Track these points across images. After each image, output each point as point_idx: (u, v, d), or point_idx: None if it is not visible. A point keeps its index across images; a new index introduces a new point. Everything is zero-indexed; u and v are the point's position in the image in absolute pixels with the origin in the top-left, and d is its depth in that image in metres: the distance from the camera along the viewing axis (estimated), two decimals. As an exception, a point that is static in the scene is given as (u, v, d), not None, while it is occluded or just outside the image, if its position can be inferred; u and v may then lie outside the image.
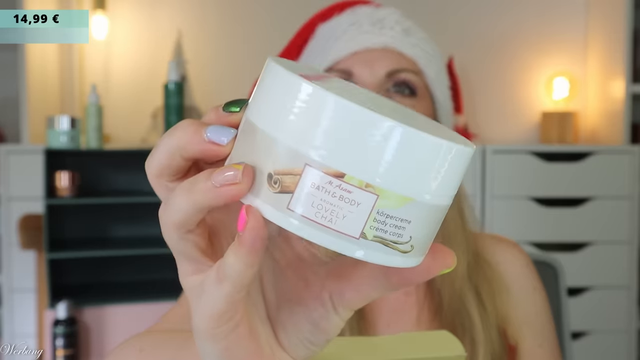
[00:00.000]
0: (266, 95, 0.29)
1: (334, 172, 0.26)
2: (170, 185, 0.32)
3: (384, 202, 0.27)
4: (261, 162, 0.28)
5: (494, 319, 0.75)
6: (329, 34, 0.79)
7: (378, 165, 0.26)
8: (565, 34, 2.40)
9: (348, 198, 0.27)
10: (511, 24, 2.39)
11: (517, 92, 2.40)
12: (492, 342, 0.73)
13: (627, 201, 2.04)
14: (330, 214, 0.27)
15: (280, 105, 0.28)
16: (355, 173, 0.26)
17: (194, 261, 0.32)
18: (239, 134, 0.30)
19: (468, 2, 2.39)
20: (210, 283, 0.30)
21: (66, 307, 1.63)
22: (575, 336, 2.01)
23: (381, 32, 0.77)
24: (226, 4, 2.35)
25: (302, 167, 0.27)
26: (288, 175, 0.27)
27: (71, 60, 2.28)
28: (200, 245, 0.32)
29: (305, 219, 0.27)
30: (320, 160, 0.26)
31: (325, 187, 0.27)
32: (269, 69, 0.29)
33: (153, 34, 2.31)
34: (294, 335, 0.34)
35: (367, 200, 0.27)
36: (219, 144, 0.30)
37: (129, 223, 1.99)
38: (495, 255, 0.80)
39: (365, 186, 0.27)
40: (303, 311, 0.34)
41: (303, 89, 0.27)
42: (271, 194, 0.28)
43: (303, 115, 0.27)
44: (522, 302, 0.79)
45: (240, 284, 0.29)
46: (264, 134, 0.28)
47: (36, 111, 2.07)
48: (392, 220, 0.27)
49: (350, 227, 0.27)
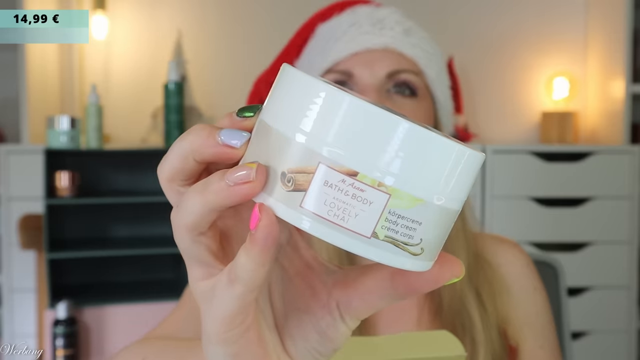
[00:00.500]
0: (282, 97, 0.29)
1: (347, 171, 0.27)
2: (181, 189, 0.32)
3: (396, 202, 0.27)
4: (275, 161, 0.28)
5: (494, 320, 0.75)
6: (329, 34, 0.79)
7: (392, 165, 0.27)
8: (565, 34, 2.40)
9: (360, 197, 0.27)
10: (511, 24, 2.39)
11: (517, 92, 2.40)
12: (493, 343, 0.73)
13: (627, 201, 2.04)
14: (342, 212, 0.27)
15: (296, 105, 0.28)
16: (368, 172, 0.27)
17: (205, 265, 0.32)
18: (253, 137, 0.30)
19: (468, 2, 2.39)
20: (221, 286, 0.30)
21: (66, 307, 1.63)
22: (575, 336, 2.01)
23: (381, 32, 0.76)
24: (226, 4, 2.35)
25: (316, 165, 0.27)
26: (301, 174, 0.27)
27: (71, 60, 2.28)
28: (212, 248, 0.32)
29: (318, 216, 0.27)
30: (334, 159, 0.27)
31: (338, 186, 0.27)
32: (285, 72, 0.30)
33: (153, 34, 2.31)
34: (301, 344, 0.34)
35: (379, 200, 0.27)
36: (233, 147, 0.30)
37: (129, 223, 1.99)
38: (496, 256, 0.80)
39: (377, 185, 0.27)
40: (310, 320, 0.34)
41: (319, 89, 0.27)
42: (284, 192, 0.28)
43: (318, 115, 0.27)
44: (522, 302, 0.79)
45: (252, 285, 0.29)
46: (278, 134, 0.28)
47: (36, 111, 2.07)
48: (404, 221, 0.27)
49: (362, 226, 0.27)
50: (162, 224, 1.95)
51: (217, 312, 0.31)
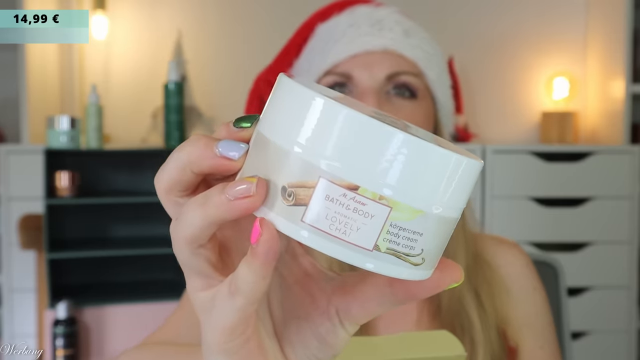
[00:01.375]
0: (279, 109, 0.29)
1: (347, 185, 0.27)
2: (180, 200, 0.32)
3: (397, 215, 0.27)
4: (274, 175, 0.28)
5: (493, 320, 0.75)
6: (328, 35, 0.78)
7: (391, 177, 0.27)
8: (565, 34, 2.40)
9: (362, 210, 0.27)
10: (511, 24, 2.39)
11: (517, 92, 2.40)
12: (492, 343, 0.73)
13: (627, 201, 2.04)
14: (344, 226, 0.27)
15: (293, 118, 0.28)
16: (369, 185, 0.27)
17: (204, 276, 0.32)
18: (251, 149, 0.30)
19: (468, 2, 2.39)
20: (222, 297, 0.30)
21: (66, 307, 1.63)
22: (575, 336, 2.01)
23: (380, 33, 0.76)
24: (226, 4, 2.35)
25: (317, 179, 0.27)
26: (302, 188, 0.27)
27: (71, 60, 2.28)
28: (211, 260, 0.32)
29: (320, 231, 0.27)
30: (334, 173, 0.27)
31: (339, 200, 0.27)
32: (282, 83, 0.30)
33: (153, 34, 2.31)
34: (300, 350, 0.34)
35: (380, 213, 0.27)
36: (231, 159, 0.30)
37: (129, 223, 1.99)
38: (495, 257, 0.80)
39: (379, 198, 0.27)
40: (310, 326, 0.34)
41: (316, 102, 0.27)
42: (285, 206, 0.28)
43: (316, 128, 0.27)
44: (522, 303, 0.78)
45: (253, 297, 0.30)
46: (276, 147, 0.28)
47: (36, 111, 2.07)
48: (405, 233, 0.28)
49: (364, 240, 0.27)
50: (162, 224, 1.95)
51: (218, 323, 0.31)
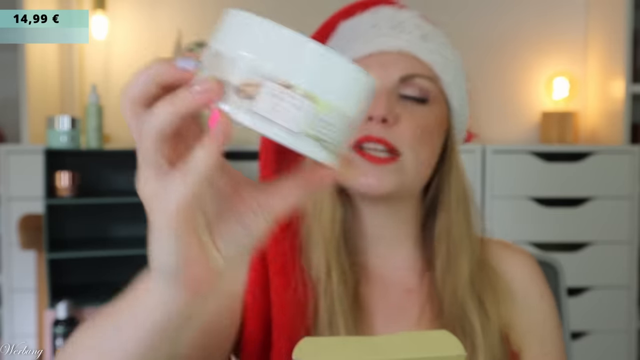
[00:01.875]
0: (226, 28, 0.38)
1: (283, 82, 0.36)
2: (140, 112, 0.38)
3: (319, 108, 0.37)
4: (227, 76, 0.37)
5: (496, 326, 0.74)
6: (350, 33, 0.78)
7: (314, 77, 0.36)
8: (565, 34, 2.40)
9: (294, 103, 0.36)
10: (511, 24, 2.39)
11: (517, 92, 2.40)
12: (493, 348, 0.72)
13: (627, 201, 2.04)
14: (281, 114, 0.36)
15: (239, 33, 0.37)
16: (299, 84, 0.36)
17: (159, 166, 0.38)
18: (205, 61, 0.38)
19: (468, 2, 2.40)
20: (174, 179, 0.37)
21: (66, 307, 1.63)
22: (575, 336, 2.01)
23: (399, 36, 0.75)
24: (226, 4, 2.34)
25: (260, 79, 0.36)
26: (250, 86, 0.36)
27: (71, 60, 2.28)
28: (170, 157, 0.39)
29: (263, 117, 0.36)
30: (273, 74, 0.36)
31: (277, 95, 0.36)
32: (229, 13, 0.39)
33: (153, 34, 2.31)
34: (228, 238, 0.41)
35: (308, 105, 0.36)
36: (188, 70, 0.38)
37: (129, 223, 1.99)
38: (501, 262, 0.79)
39: (305, 94, 0.36)
40: (236, 217, 0.41)
41: (255, 21, 0.37)
42: (236, 99, 0.36)
43: (257, 40, 0.36)
44: (527, 309, 0.78)
45: (204, 174, 0.37)
46: (227, 55, 0.37)
47: (36, 111, 2.07)
48: (323, 123, 0.37)
49: (295, 124, 0.36)
50: (162, 224, 1.94)
51: (170, 202, 0.37)
